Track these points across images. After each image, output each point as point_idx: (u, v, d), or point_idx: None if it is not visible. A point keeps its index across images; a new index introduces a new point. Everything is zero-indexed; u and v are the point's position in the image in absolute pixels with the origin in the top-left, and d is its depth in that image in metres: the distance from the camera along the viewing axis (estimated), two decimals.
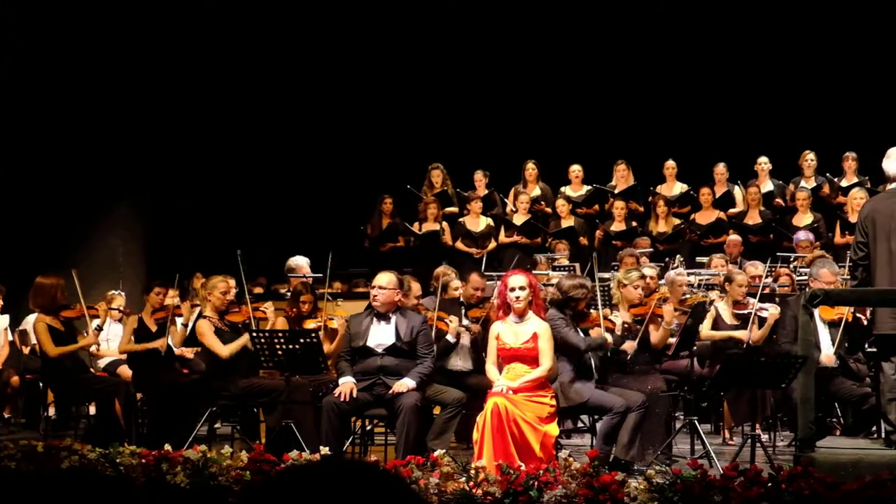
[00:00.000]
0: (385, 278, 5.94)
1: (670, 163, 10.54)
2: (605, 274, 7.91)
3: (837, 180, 10.08)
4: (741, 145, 10.66)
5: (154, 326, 6.85)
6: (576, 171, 10.70)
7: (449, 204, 10.58)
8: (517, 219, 10.22)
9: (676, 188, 10.52)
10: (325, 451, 5.02)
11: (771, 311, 6.76)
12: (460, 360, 6.69)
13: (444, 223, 10.28)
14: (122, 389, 6.83)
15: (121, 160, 10.13)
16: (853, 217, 8.56)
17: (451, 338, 6.61)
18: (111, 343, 7.47)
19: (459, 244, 10.12)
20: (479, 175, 10.69)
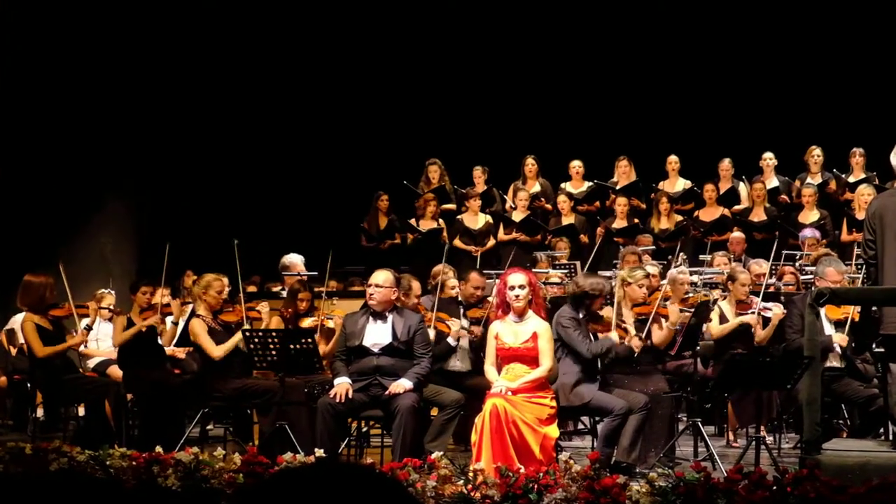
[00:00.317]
0: (381, 276, 5.86)
1: (673, 158, 10.42)
2: (606, 272, 7.83)
3: (844, 176, 9.98)
4: (746, 140, 10.56)
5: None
6: (576, 166, 10.57)
7: (447, 200, 10.46)
8: (516, 216, 10.10)
9: (679, 184, 10.40)
10: (319, 453, 4.98)
11: (775, 310, 6.68)
12: (458, 360, 6.62)
13: (441, 220, 10.15)
14: (112, 390, 6.76)
15: (111, 156, 10.07)
16: (860, 214, 8.47)
17: (452, 341, 6.54)
18: (101, 343, 7.39)
19: (458, 242, 9.99)
20: (478, 171, 10.56)
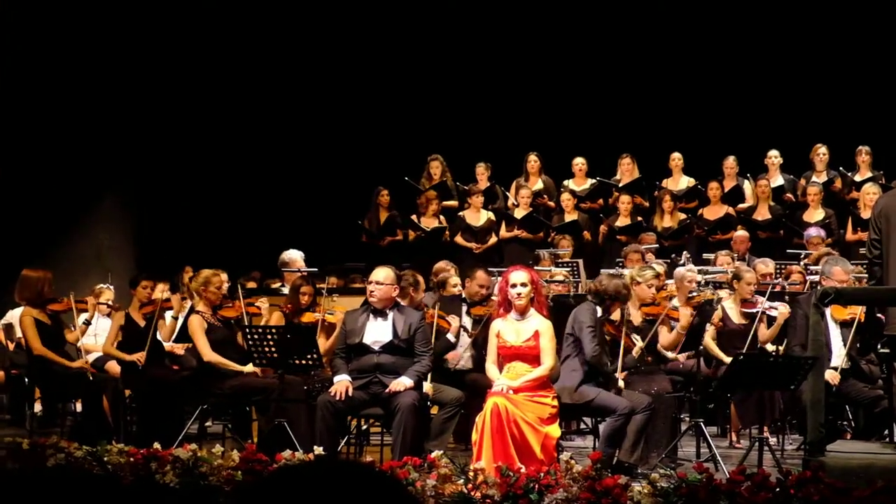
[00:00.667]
0: (382, 273, 5.83)
1: (676, 155, 10.37)
2: (609, 270, 7.77)
3: (850, 175, 9.91)
4: (751, 138, 10.50)
5: (142, 321, 6.76)
6: (579, 164, 10.52)
7: (448, 197, 10.41)
8: (518, 213, 10.05)
9: (683, 182, 10.35)
10: (318, 451, 4.98)
11: (781, 309, 6.63)
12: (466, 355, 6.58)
13: (443, 218, 10.09)
14: (110, 386, 6.77)
15: (109, 152, 10.05)
16: (866, 213, 8.42)
17: (452, 337, 6.52)
18: (99, 338, 7.37)
19: (459, 239, 9.95)
20: (481, 167, 10.51)
